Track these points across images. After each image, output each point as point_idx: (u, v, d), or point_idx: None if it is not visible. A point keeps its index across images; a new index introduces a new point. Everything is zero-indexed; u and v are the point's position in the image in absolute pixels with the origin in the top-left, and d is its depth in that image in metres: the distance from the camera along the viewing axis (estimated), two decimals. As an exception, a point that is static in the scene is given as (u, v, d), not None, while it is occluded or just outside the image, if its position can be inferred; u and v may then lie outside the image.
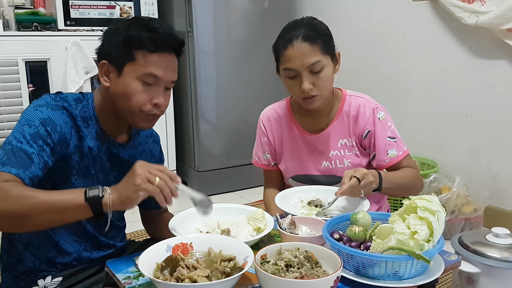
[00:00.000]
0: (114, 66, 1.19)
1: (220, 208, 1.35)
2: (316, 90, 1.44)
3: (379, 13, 3.00)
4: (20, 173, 1.03)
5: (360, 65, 3.14)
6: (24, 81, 2.62)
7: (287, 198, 1.47)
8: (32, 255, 1.23)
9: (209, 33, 3.06)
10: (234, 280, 0.94)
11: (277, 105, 1.68)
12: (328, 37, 1.47)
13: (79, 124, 1.19)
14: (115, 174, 1.31)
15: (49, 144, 1.10)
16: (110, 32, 1.21)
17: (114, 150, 1.29)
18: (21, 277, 1.24)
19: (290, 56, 1.42)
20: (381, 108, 1.55)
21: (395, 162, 1.51)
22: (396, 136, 1.54)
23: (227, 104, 3.21)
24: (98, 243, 1.30)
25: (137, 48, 1.17)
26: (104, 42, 1.22)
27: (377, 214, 1.22)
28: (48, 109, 1.14)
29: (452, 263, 1.11)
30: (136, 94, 1.17)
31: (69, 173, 1.19)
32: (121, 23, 1.21)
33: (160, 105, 1.21)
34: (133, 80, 1.17)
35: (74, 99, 1.22)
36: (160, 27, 1.19)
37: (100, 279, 1.28)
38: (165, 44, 1.19)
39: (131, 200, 1.02)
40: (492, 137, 2.53)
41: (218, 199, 3.09)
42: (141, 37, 1.16)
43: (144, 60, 1.17)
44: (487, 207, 2.44)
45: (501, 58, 2.43)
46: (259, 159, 1.69)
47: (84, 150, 1.20)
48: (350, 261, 1.02)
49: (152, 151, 1.42)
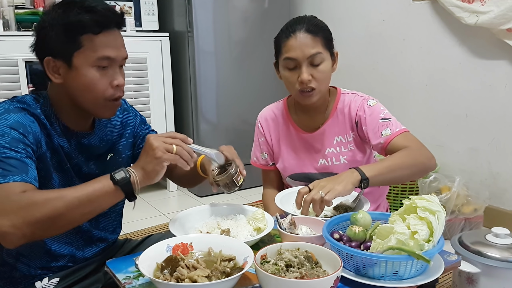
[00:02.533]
0: (61, 60, 1.12)
1: (220, 208, 1.35)
2: (314, 83, 1.45)
3: (379, 13, 3.00)
4: (25, 177, 1.01)
5: (360, 65, 3.14)
6: (24, 81, 2.62)
7: (287, 198, 1.47)
8: (25, 264, 1.21)
9: (209, 33, 3.06)
10: (234, 280, 0.94)
11: (274, 106, 1.69)
12: (329, 33, 1.51)
13: (44, 122, 1.15)
14: (93, 161, 1.28)
15: (29, 145, 1.07)
16: (45, 25, 1.12)
17: (85, 141, 1.24)
18: (18, 280, 1.23)
19: (292, 46, 1.45)
20: (371, 98, 1.55)
21: (390, 139, 1.44)
22: (390, 117, 1.50)
23: (227, 104, 3.21)
24: (90, 239, 1.29)
25: (81, 33, 1.09)
26: (40, 37, 1.14)
27: (377, 214, 1.22)
28: (10, 114, 1.09)
29: (452, 263, 1.11)
30: (96, 83, 1.13)
31: (49, 172, 1.16)
32: (54, 12, 1.12)
33: (120, 86, 1.17)
34: (87, 69, 1.11)
35: (31, 99, 1.17)
36: (97, 5, 1.12)
37: (98, 279, 1.27)
38: (108, 21, 1.13)
39: (156, 172, 1.05)
40: (492, 137, 2.53)
41: (218, 199, 3.08)
42: (82, 21, 1.09)
43: (92, 44, 1.10)
44: (487, 207, 2.44)
45: (501, 58, 2.43)
46: (257, 159, 1.70)
47: (55, 146, 1.17)
48: (350, 261, 1.02)
49: (123, 121, 1.37)
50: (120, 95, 1.19)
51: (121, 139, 1.36)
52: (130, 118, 1.39)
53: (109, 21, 1.13)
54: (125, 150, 1.38)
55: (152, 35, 3.08)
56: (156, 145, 1.04)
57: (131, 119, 1.40)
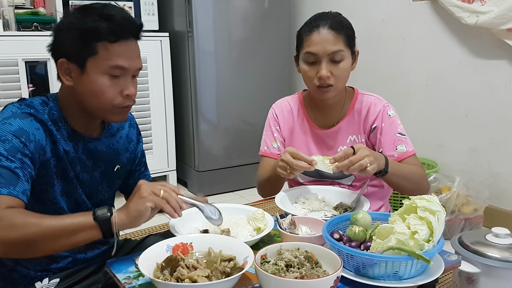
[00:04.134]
0: (74, 63, 1.12)
1: (220, 208, 1.35)
2: (332, 80, 1.46)
3: (379, 13, 3.00)
4: (12, 191, 1.00)
5: (360, 65, 3.10)
6: (24, 81, 2.61)
7: (287, 198, 1.48)
8: (24, 267, 1.22)
9: (209, 33, 3.06)
10: (234, 280, 0.94)
11: (290, 98, 1.69)
12: (352, 31, 1.52)
13: (51, 128, 1.14)
14: (100, 170, 1.28)
15: (27, 155, 1.06)
16: (63, 28, 1.13)
17: (91, 145, 1.24)
18: (18, 281, 1.23)
19: (314, 41, 1.45)
20: (391, 108, 1.57)
21: (404, 157, 1.50)
22: (405, 134, 1.54)
23: (227, 104, 3.21)
24: (92, 242, 1.29)
25: (97, 40, 1.10)
26: (57, 39, 1.15)
27: (377, 214, 1.22)
28: (16, 119, 1.08)
29: (452, 263, 1.11)
30: (105, 90, 1.12)
31: (51, 179, 1.16)
32: (73, 16, 1.13)
33: (130, 96, 1.17)
34: (99, 76, 1.11)
35: (39, 103, 1.17)
36: (115, 14, 1.12)
37: (98, 280, 1.27)
38: (125, 31, 1.13)
39: (139, 212, 1.02)
40: (492, 137, 2.53)
41: (218, 199, 3.09)
42: (99, 28, 1.09)
43: (107, 52, 1.10)
44: (487, 207, 2.44)
45: (501, 58, 2.43)
46: (268, 148, 1.65)
47: (60, 154, 1.16)
48: (350, 261, 1.02)
49: (129, 136, 1.38)
50: (130, 104, 1.19)
51: (126, 152, 1.37)
52: (134, 135, 1.41)
53: (125, 31, 1.13)
54: (128, 165, 1.39)
55: (152, 35, 3.08)
56: (144, 187, 1.04)
57: (134, 138, 1.41)
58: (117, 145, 1.33)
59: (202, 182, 3.20)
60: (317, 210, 1.42)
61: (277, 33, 3.26)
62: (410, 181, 1.46)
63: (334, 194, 1.48)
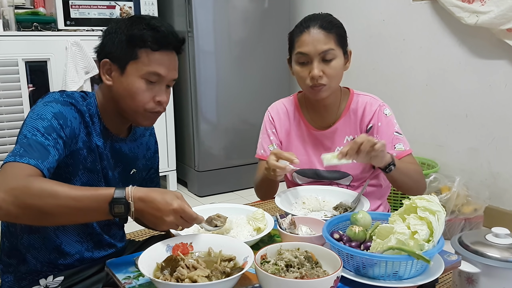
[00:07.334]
0: (116, 64, 1.20)
1: (220, 208, 1.35)
2: (325, 79, 1.46)
3: (379, 13, 3.00)
4: (39, 163, 1.03)
5: (360, 65, 3.13)
6: (24, 81, 2.62)
7: (287, 198, 1.48)
8: (33, 257, 1.24)
9: (209, 33, 3.06)
10: (234, 280, 0.94)
11: (285, 100, 1.69)
12: (343, 30, 1.53)
13: (87, 120, 1.21)
14: (119, 170, 1.33)
15: (62, 138, 1.12)
16: (112, 31, 1.22)
17: (117, 145, 1.31)
18: (22, 276, 1.25)
19: (305, 41, 1.46)
20: (387, 107, 1.57)
21: (402, 156, 1.50)
22: (402, 133, 1.55)
23: (227, 104, 3.21)
24: (100, 243, 1.31)
25: (140, 46, 1.18)
26: (105, 41, 1.23)
27: (377, 214, 1.22)
28: (58, 104, 1.15)
29: (452, 263, 1.11)
30: (140, 93, 1.19)
31: (77, 169, 1.20)
32: (123, 22, 1.22)
33: (162, 103, 1.24)
34: (136, 79, 1.19)
35: (80, 96, 1.24)
36: (161, 26, 1.21)
37: (100, 279, 1.28)
38: (168, 42, 1.21)
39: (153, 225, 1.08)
40: (492, 137, 2.53)
41: (218, 199, 3.09)
42: (144, 36, 1.18)
43: (148, 58, 1.18)
44: (487, 207, 2.44)
45: (501, 58, 2.43)
46: (265, 151, 1.65)
47: (92, 146, 1.22)
48: (350, 261, 1.02)
49: (148, 144, 1.44)
50: (160, 111, 1.25)
51: (143, 159, 1.42)
52: (152, 144, 1.47)
53: (168, 42, 1.21)
54: (143, 171, 1.44)
55: (152, 35, 3.08)
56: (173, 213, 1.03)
57: (152, 146, 1.47)
58: (137, 150, 1.38)
59: (202, 182, 3.20)
60: (317, 210, 1.42)
61: (277, 33, 3.25)
62: (411, 178, 1.47)
63: (334, 194, 1.49)
